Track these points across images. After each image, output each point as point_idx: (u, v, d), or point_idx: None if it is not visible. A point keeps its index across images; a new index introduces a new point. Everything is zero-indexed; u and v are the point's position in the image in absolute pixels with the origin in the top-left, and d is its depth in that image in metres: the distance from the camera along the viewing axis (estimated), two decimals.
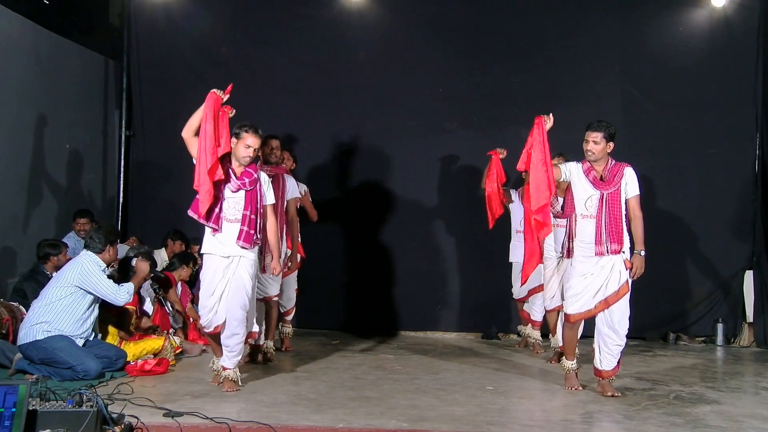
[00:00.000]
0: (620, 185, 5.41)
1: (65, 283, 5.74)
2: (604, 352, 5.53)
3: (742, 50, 8.54)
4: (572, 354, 5.73)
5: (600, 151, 5.42)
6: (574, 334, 5.65)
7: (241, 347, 5.53)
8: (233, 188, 5.44)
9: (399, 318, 8.76)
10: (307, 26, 8.87)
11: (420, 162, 8.78)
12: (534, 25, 8.77)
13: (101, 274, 5.82)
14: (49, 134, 8.04)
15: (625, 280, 5.41)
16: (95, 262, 5.85)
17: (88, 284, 5.75)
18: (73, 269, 5.81)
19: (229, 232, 5.40)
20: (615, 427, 4.80)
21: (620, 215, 5.39)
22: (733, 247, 8.53)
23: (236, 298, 5.43)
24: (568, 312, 5.57)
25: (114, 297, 5.84)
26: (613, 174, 5.43)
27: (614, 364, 5.54)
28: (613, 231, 5.36)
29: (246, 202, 5.44)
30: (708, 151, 8.56)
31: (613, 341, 5.48)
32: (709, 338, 8.50)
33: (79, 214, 7.71)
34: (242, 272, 5.44)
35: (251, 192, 5.46)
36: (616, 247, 5.36)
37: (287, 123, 8.64)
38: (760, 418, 5.04)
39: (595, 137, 5.43)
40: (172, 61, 9.04)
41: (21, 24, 7.61)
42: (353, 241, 8.78)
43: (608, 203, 5.39)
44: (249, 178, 5.47)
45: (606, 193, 5.40)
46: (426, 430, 4.51)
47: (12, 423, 3.77)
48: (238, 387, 5.43)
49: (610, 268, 5.41)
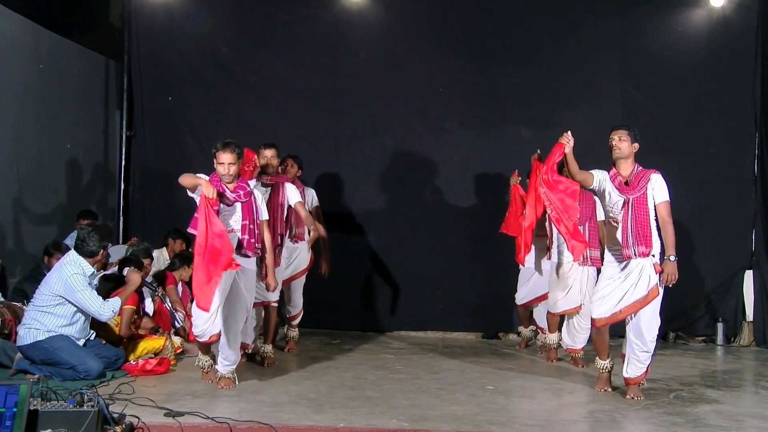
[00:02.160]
0: (646, 189, 5.35)
1: (52, 291, 5.64)
2: (632, 359, 5.46)
3: (741, 50, 8.54)
4: (604, 353, 5.66)
5: (626, 149, 5.40)
6: (602, 338, 5.59)
7: (236, 356, 5.56)
8: (228, 202, 5.45)
9: (400, 317, 8.76)
10: (308, 26, 8.87)
11: (420, 162, 8.78)
12: (534, 25, 8.76)
13: (85, 288, 5.61)
14: (49, 134, 8.06)
15: (654, 284, 5.32)
16: (80, 273, 5.63)
17: (72, 298, 5.61)
18: (58, 278, 5.63)
19: None
20: (616, 426, 4.80)
21: (647, 219, 5.32)
22: (732, 246, 8.53)
23: (234, 311, 5.45)
24: (594, 316, 5.49)
25: (98, 313, 5.67)
26: (638, 179, 5.38)
27: (641, 372, 5.46)
28: (639, 234, 5.29)
29: (244, 212, 5.47)
30: (707, 150, 8.56)
31: (640, 348, 5.40)
32: (709, 338, 8.50)
33: (83, 215, 7.70)
34: (240, 284, 5.46)
35: (247, 204, 5.49)
36: (644, 250, 5.29)
37: (287, 123, 8.65)
38: (760, 417, 5.04)
39: (621, 134, 5.42)
40: (173, 61, 9.04)
41: (22, 24, 7.62)
42: (353, 240, 8.77)
43: (634, 208, 5.33)
44: (243, 191, 5.49)
45: (631, 197, 5.36)
46: (427, 429, 4.51)
47: (13, 423, 3.78)
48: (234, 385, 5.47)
49: (638, 272, 5.33)
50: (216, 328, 5.41)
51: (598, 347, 5.67)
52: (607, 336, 5.62)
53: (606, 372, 5.70)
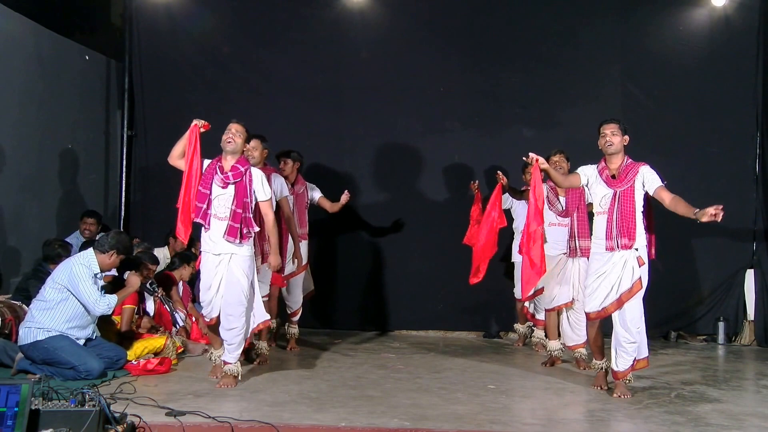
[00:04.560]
0: (633, 182, 5.39)
1: (58, 284, 5.68)
2: (619, 351, 5.50)
3: (742, 49, 8.54)
4: (599, 353, 5.75)
5: (618, 143, 5.44)
6: (595, 330, 5.65)
7: (240, 340, 5.55)
8: (221, 184, 5.49)
9: (401, 317, 8.76)
10: (309, 26, 8.87)
11: (421, 161, 8.79)
12: (535, 25, 8.77)
13: (88, 280, 5.67)
14: (51, 134, 8.07)
15: (638, 277, 5.38)
16: (87, 265, 5.72)
17: (72, 286, 5.65)
18: (65, 269, 5.74)
19: (218, 229, 5.46)
20: (616, 425, 4.81)
21: (632, 212, 5.38)
22: (733, 245, 8.53)
23: (231, 294, 5.48)
24: (586, 310, 5.60)
25: (93, 306, 5.68)
26: (626, 172, 5.43)
27: (629, 364, 5.49)
28: (623, 226, 5.35)
29: (235, 197, 5.49)
30: (708, 149, 8.56)
31: (627, 339, 5.45)
32: (710, 337, 8.50)
33: (87, 214, 7.73)
34: (235, 269, 5.48)
35: (239, 185, 5.50)
36: (627, 242, 5.35)
37: (288, 122, 8.65)
38: (761, 416, 5.04)
39: (612, 128, 5.45)
40: (174, 61, 9.05)
41: (23, 24, 7.63)
42: (354, 239, 8.78)
43: (620, 200, 5.39)
44: (234, 171, 5.51)
45: (618, 190, 5.41)
46: (428, 429, 4.51)
47: (14, 422, 3.78)
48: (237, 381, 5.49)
49: (622, 265, 5.39)
50: (215, 311, 5.55)
51: (593, 345, 5.74)
52: (600, 331, 5.68)
53: (602, 370, 5.77)
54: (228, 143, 5.53)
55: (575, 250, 6.36)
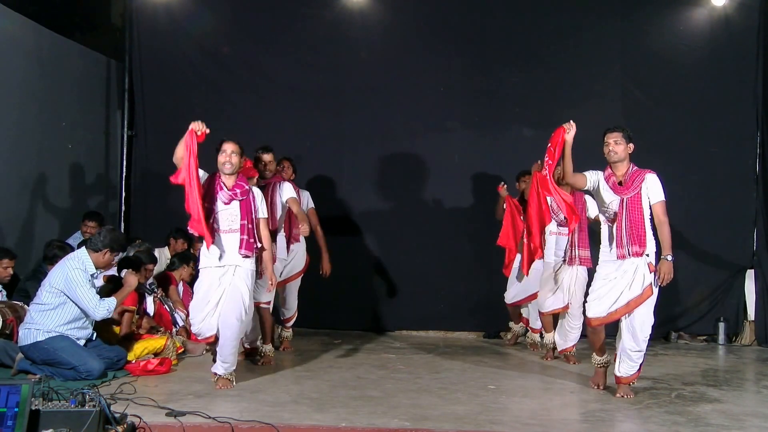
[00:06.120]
0: (640, 189, 5.35)
1: (55, 288, 5.66)
2: (623, 358, 5.45)
3: (742, 49, 8.54)
4: (600, 350, 5.68)
5: (622, 151, 5.39)
6: (597, 337, 5.60)
7: (234, 358, 5.54)
8: (225, 200, 5.48)
9: (401, 317, 8.77)
10: (309, 26, 8.88)
11: (421, 161, 8.79)
12: (535, 25, 8.77)
13: (85, 285, 5.64)
14: (51, 134, 8.06)
15: (648, 283, 5.31)
16: (82, 268, 5.68)
17: (70, 293, 5.63)
18: (61, 273, 5.68)
19: (222, 243, 5.45)
20: (617, 425, 4.80)
21: (641, 219, 5.33)
22: (734, 245, 8.53)
23: (232, 307, 5.44)
24: (589, 315, 5.51)
25: (93, 311, 5.66)
26: (633, 179, 5.38)
27: (633, 371, 5.46)
28: (633, 234, 5.30)
29: (242, 212, 5.48)
30: (709, 149, 8.56)
31: (633, 347, 5.39)
32: (710, 337, 8.50)
33: (88, 216, 7.68)
34: (238, 282, 5.46)
35: (245, 202, 5.51)
36: (638, 249, 5.29)
37: (288, 122, 8.66)
38: (761, 416, 5.03)
39: (616, 137, 5.41)
40: (174, 61, 9.06)
41: (23, 24, 7.63)
42: (355, 239, 8.78)
43: (628, 207, 5.34)
44: (240, 189, 5.53)
45: (625, 197, 5.36)
46: (428, 429, 4.51)
47: (15, 423, 3.78)
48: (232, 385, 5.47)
49: (633, 272, 5.33)
50: (213, 327, 5.46)
51: (594, 344, 5.70)
52: (602, 335, 5.63)
53: (601, 367, 5.73)
54: (226, 166, 5.50)
55: (574, 258, 6.40)
